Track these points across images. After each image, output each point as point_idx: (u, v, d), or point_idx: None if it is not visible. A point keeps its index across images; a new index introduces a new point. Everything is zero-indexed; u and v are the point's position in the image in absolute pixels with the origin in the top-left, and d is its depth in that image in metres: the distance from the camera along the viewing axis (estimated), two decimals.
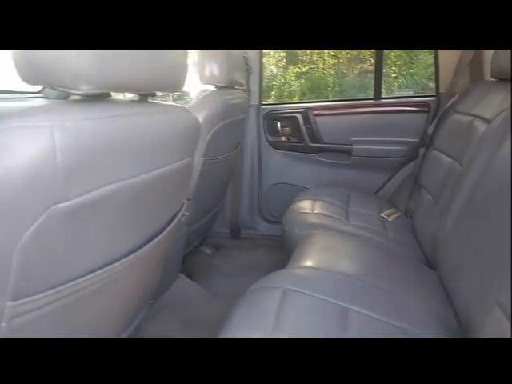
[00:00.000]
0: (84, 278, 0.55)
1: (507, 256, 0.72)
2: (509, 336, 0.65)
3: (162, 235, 0.75)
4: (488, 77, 1.39)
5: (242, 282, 1.12)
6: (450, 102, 1.55)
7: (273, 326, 0.71)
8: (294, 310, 0.77)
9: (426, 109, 1.73)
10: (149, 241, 0.70)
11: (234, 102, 1.55)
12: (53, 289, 0.50)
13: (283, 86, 5.12)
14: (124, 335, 0.86)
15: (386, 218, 1.58)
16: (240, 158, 1.99)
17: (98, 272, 0.58)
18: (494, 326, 0.71)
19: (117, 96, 0.65)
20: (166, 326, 1.26)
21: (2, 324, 0.47)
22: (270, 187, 2.08)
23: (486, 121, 1.16)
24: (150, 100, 0.69)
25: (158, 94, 0.69)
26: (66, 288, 0.52)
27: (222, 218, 2.10)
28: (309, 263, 1.04)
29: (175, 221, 0.82)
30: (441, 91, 1.72)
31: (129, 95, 0.68)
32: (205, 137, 1.31)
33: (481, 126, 1.18)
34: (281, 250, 1.64)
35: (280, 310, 0.77)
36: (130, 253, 0.65)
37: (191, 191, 1.30)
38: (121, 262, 0.63)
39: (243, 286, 0.95)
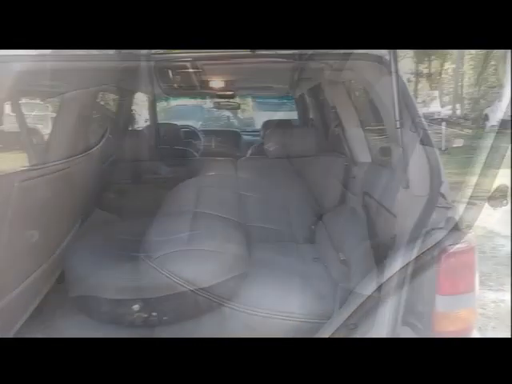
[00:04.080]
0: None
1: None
2: None
3: (95, 148, 1.08)
4: None
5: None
6: None
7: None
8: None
9: None
10: (87, 150, 1.05)
11: None
12: None
13: None
14: (69, 236, 1.15)
15: None
16: None
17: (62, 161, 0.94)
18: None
19: None
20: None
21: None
22: None
23: None
24: None
25: None
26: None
27: None
28: None
29: (100, 144, 1.15)
30: None
31: None
32: None
33: None
34: None
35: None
36: (81, 152, 1.00)
37: None
38: (76, 156, 0.97)
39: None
